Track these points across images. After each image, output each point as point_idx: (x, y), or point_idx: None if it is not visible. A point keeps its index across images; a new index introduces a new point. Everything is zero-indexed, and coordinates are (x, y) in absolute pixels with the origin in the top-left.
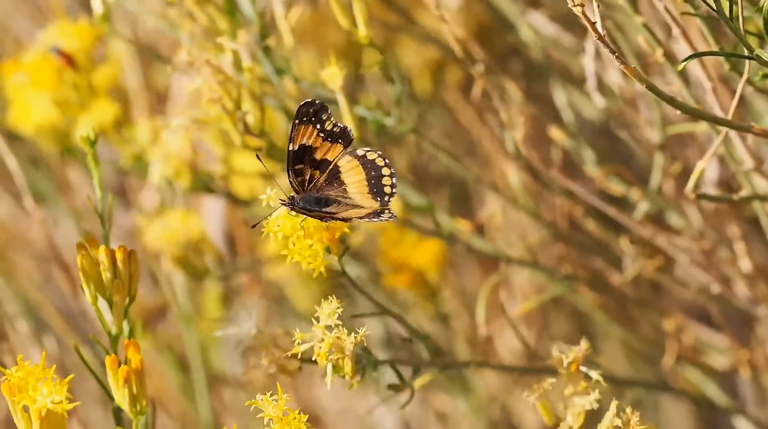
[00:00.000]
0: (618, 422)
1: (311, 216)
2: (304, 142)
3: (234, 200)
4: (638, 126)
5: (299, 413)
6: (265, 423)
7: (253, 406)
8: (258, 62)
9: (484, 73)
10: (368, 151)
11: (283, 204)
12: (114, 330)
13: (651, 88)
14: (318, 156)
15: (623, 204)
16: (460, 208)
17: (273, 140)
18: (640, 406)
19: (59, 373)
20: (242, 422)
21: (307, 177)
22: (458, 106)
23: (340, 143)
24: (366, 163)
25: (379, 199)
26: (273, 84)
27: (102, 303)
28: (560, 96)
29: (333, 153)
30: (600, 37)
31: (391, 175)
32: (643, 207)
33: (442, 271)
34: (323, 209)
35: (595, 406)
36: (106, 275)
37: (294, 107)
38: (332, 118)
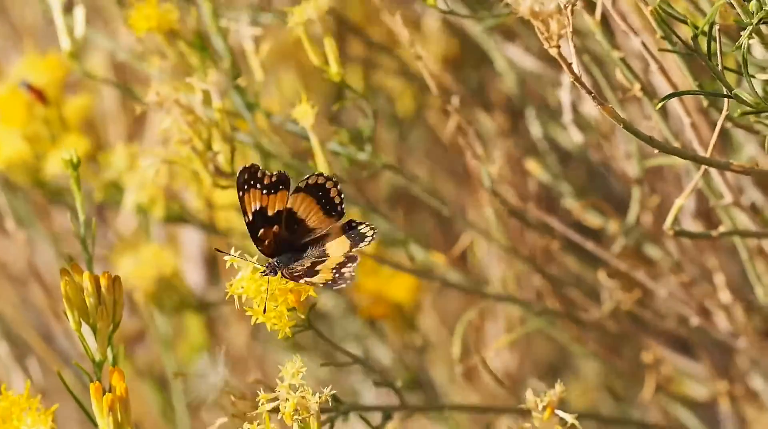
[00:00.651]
0: None
1: (294, 279)
2: (254, 208)
3: (211, 230)
4: (616, 158)
5: None
6: None
7: None
8: (229, 98)
9: (460, 106)
10: (307, 179)
11: (265, 274)
12: (98, 357)
13: (628, 127)
14: (270, 212)
15: (601, 237)
16: (444, 234)
17: None
18: None
19: (41, 397)
20: None
21: (272, 238)
22: (441, 127)
23: (282, 190)
24: (312, 190)
25: (335, 214)
26: (244, 118)
27: (85, 328)
28: (536, 128)
29: (281, 201)
30: (576, 78)
31: (335, 186)
32: (620, 240)
33: (420, 300)
34: (298, 261)
35: None
36: (90, 301)
37: (266, 143)
38: (266, 172)
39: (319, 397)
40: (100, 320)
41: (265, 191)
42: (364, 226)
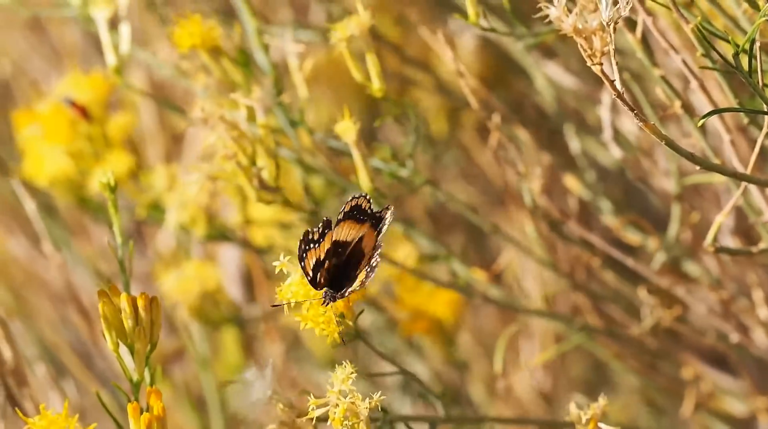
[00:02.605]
0: None
1: (343, 297)
2: (312, 264)
3: (250, 248)
4: (655, 175)
5: None
6: None
7: None
8: (272, 114)
9: (500, 122)
10: (344, 209)
11: (326, 303)
12: (135, 377)
13: (670, 144)
14: (322, 257)
15: (640, 253)
16: (478, 252)
17: (288, 195)
18: None
19: (79, 417)
20: None
21: (325, 273)
22: (475, 147)
23: (327, 232)
24: (350, 215)
25: (366, 218)
26: (287, 135)
27: (122, 348)
28: (575, 145)
29: (328, 241)
30: (619, 95)
31: (362, 196)
32: (660, 257)
33: (460, 316)
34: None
35: None
36: (128, 323)
37: (309, 159)
38: (312, 230)
39: (369, 403)
40: (138, 341)
41: (316, 246)
42: (383, 211)
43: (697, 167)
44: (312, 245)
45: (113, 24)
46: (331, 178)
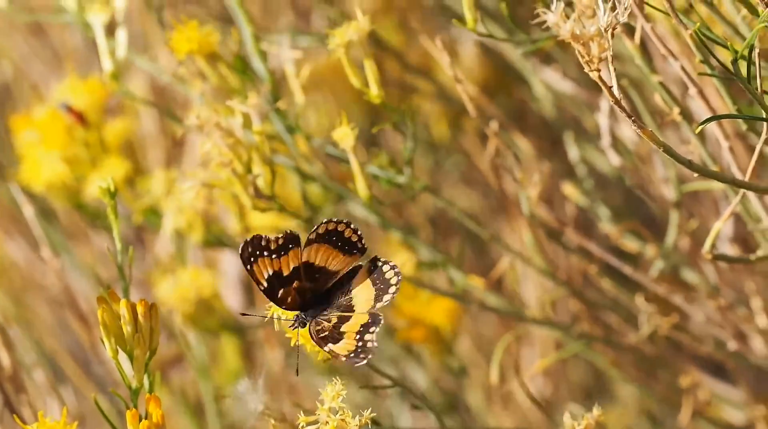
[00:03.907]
0: None
1: (319, 343)
2: (266, 274)
3: None
4: (653, 182)
5: None
6: None
7: None
8: (269, 121)
9: (498, 129)
10: (317, 229)
11: (294, 327)
12: (134, 383)
13: (668, 151)
14: (286, 272)
15: (639, 261)
16: (478, 258)
17: (284, 202)
18: None
19: (77, 424)
20: None
21: (294, 293)
22: (476, 152)
23: (293, 248)
24: (325, 238)
25: (356, 251)
26: (284, 141)
27: (121, 355)
28: (574, 152)
29: (294, 258)
30: (616, 102)
31: (348, 227)
32: (658, 265)
33: (458, 324)
34: (324, 311)
35: None
36: (127, 329)
37: (305, 166)
38: (270, 238)
39: (360, 420)
40: (137, 347)
41: (274, 256)
42: (388, 267)
43: (696, 174)
44: (267, 253)
45: (112, 29)
46: (329, 185)
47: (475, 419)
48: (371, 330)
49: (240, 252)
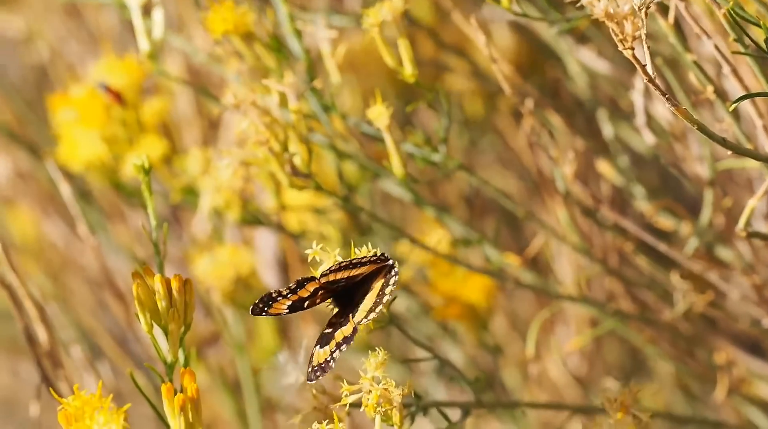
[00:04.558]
0: None
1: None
2: (285, 307)
3: (285, 233)
4: (688, 161)
5: None
6: None
7: None
8: (305, 99)
9: (533, 108)
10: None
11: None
12: (169, 358)
13: (702, 129)
14: (305, 294)
15: (674, 239)
16: (512, 237)
17: (320, 181)
18: None
19: (114, 399)
20: None
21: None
22: (510, 131)
23: (311, 281)
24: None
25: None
26: (320, 120)
27: (157, 330)
28: (608, 130)
29: (313, 285)
30: (650, 80)
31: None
32: (693, 242)
33: (493, 301)
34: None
35: None
36: (162, 304)
37: (341, 145)
38: (281, 290)
39: (402, 390)
40: (172, 322)
41: (290, 294)
42: (392, 279)
43: (730, 152)
44: (279, 298)
45: (147, 9)
46: (364, 164)
47: (511, 396)
48: (342, 348)
49: (251, 310)
